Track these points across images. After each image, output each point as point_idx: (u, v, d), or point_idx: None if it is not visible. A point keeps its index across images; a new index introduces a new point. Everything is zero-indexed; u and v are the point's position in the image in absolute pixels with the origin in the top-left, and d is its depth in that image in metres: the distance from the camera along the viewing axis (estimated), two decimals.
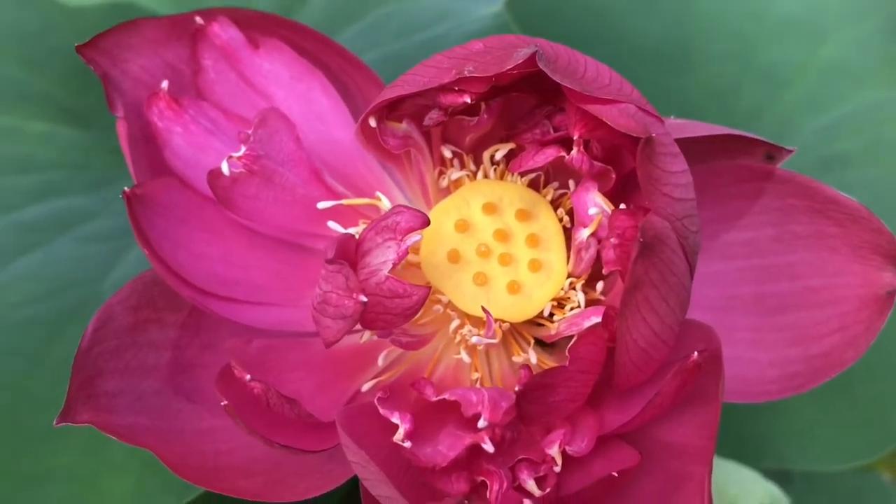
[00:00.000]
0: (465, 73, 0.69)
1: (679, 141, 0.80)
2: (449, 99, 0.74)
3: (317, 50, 0.88)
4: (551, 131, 0.78)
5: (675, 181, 0.70)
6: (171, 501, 0.99)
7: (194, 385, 0.82)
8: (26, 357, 1.11)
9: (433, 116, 0.78)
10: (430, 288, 0.74)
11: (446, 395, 0.72)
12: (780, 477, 1.46)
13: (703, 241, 0.90)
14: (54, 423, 0.76)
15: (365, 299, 0.69)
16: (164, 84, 0.83)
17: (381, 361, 0.83)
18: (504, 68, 0.68)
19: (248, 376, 0.71)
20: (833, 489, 1.49)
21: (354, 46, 1.44)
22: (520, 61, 0.67)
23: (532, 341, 0.82)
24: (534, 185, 0.83)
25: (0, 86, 1.33)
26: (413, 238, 0.72)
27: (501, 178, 0.84)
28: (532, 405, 0.71)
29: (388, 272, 0.72)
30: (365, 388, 0.82)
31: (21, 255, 1.23)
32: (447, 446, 0.71)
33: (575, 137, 0.74)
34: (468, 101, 0.73)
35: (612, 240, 0.73)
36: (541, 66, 0.67)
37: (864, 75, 1.51)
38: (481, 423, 0.70)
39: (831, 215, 0.85)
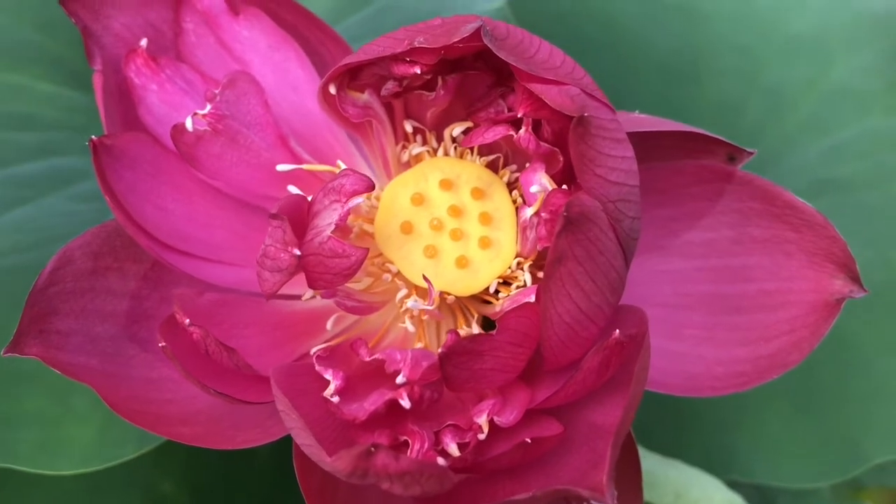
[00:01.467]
0: (416, 43, 0.71)
1: (641, 136, 0.83)
2: (401, 69, 0.76)
3: (296, 21, 0.91)
4: (505, 111, 0.80)
5: (611, 164, 0.72)
6: (131, 450, 1.01)
7: (149, 335, 0.84)
8: (8, 302, 1.11)
9: (389, 87, 0.81)
10: (367, 250, 0.76)
11: (377, 355, 0.74)
12: (763, 494, 1.46)
13: (661, 239, 0.92)
14: (2, 352, 0.78)
15: (298, 252, 0.71)
16: (144, 42, 0.85)
17: (329, 326, 0.85)
18: (451, 41, 0.70)
19: (188, 320, 0.73)
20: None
21: (357, 33, 1.46)
22: (466, 35, 0.70)
23: (476, 316, 0.84)
24: (493, 167, 0.85)
25: (15, 46, 1.36)
26: (356, 200, 0.74)
27: (461, 156, 0.86)
28: (457, 369, 0.73)
29: (331, 233, 0.74)
30: (313, 351, 0.84)
31: (13, 207, 1.25)
32: (370, 402, 0.73)
33: (520, 115, 0.76)
34: (418, 71, 0.76)
35: (543, 215, 0.75)
36: (485, 41, 0.69)
37: (868, 100, 1.52)
38: (399, 379, 0.72)
39: (789, 220, 0.87)
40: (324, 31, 0.92)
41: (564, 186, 0.78)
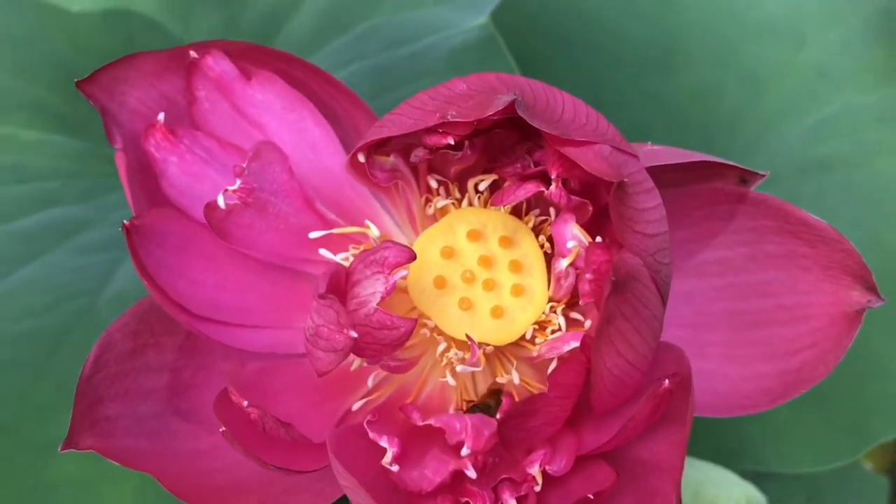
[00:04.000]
0: (449, 117, 0.72)
1: (654, 167, 0.84)
2: (434, 140, 0.78)
3: (306, 78, 0.91)
4: (531, 166, 0.81)
5: (647, 218, 0.74)
6: None
7: (191, 405, 0.86)
8: (28, 369, 1.15)
9: (419, 154, 0.82)
10: (416, 320, 0.77)
11: (431, 422, 0.76)
12: (761, 472, 1.49)
13: (678, 261, 0.93)
14: (59, 449, 0.79)
15: (355, 335, 0.73)
16: (161, 116, 0.85)
17: (370, 383, 0.86)
18: (485, 114, 0.71)
19: (246, 402, 0.74)
20: (815, 479, 1.51)
21: (342, 57, 1.46)
22: (500, 108, 0.71)
23: (515, 363, 0.86)
24: (516, 213, 0.86)
25: None
26: (400, 273, 0.75)
27: (485, 205, 0.87)
28: (513, 431, 0.75)
29: (377, 304, 0.75)
30: (355, 407, 0.86)
31: (21, 265, 1.25)
32: (432, 471, 0.75)
33: (553, 176, 0.77)
34: (451, 142, 0.77)
35: (587, 275, 0.77)
36: (520, 112, 0.71)
37: (844, 79, 1.53)
38: (464, 452, 0.74)
39: (802, 236, 0.88)
40: (334, 86, 0.92)
41: (598, 238, 0.79)
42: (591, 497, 0.73)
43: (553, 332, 0.84)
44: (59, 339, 1.18)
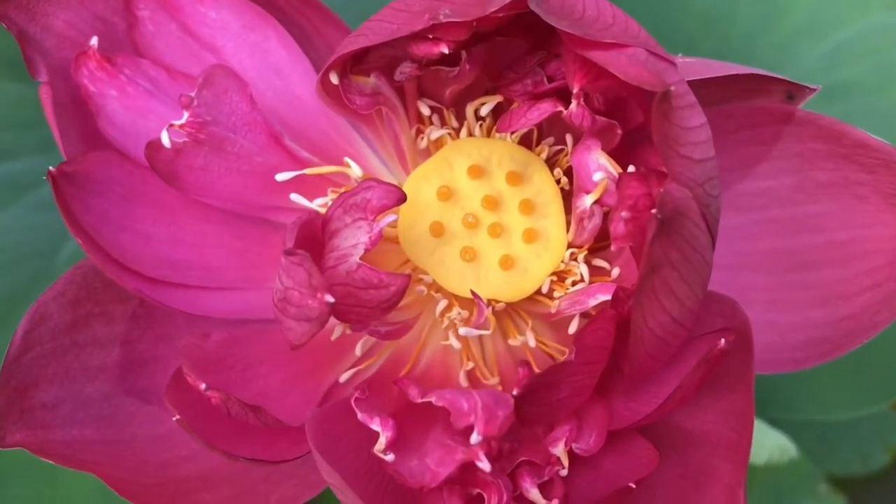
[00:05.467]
0: (441, 17, 0.59)
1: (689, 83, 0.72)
2: (423, 49, 0.65)
3: None
4: (545, 81, 0.71)
5: (694, 138, 0.61)
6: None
7: (148, 383, 0.75)
8: None
9: (405, 70, 0.69)
10: (409, 277, 0.66)
11: (433, 399, 0.64)
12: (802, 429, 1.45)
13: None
14: None
15: (332, 300, 0.60)
16: (94, 41, 0.74)
17: (358, 351, 0.76)
18: (487, 11, 0.59)
19: (204, 385, 0.62)
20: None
21: None
22: (506, 1, 0.57)
23: (530, 322, 0.75)
24: (525, 142, 0.76)
25: None
26: (388, 219, 0.63)
27: (488, 134, 0.76)
28: (533, 407, 0.63)
29: (360, 258, 0.62)
30: (342, 378, 0.76)
31: None
32: (436, 461, 0.63)
33: (575, 90, 0.64)
34: (445, 51, 0.63)
35: (622, 213, 0.63)
36: (531, 6, 0.57)
37: None
38: (475, 439, 0.61)
39: (859, 160, 0.79)
40: (305, 2, 0.79)
41: (631, 168, 0.66)
42: (633, 486, 0.61)
43: (574, 283, 0.74)
44: (11, 307, 1.10)
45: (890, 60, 1.41)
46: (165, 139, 0.70)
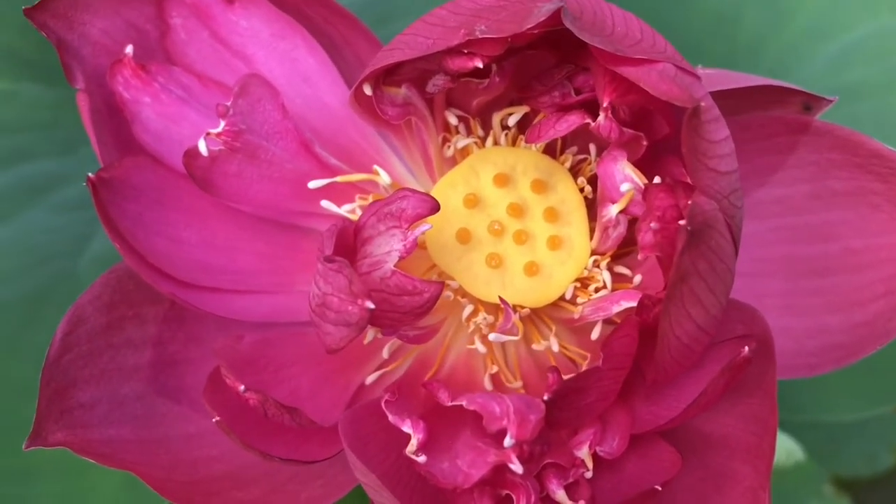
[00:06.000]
0: (477, 33, 0.60)
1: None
2: (458, 63, 0.66)
3: (296, 1, 0.80)
4: (573, 94, 0.72)
5: (720, 152, 0.62)
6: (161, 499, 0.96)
7: (179, 383, 0.77)
8: (4, 341, 1.09)
9: (438, 83, 0.71)
10: (443, 284, 0.67)
11: (463, 402, 0.65)
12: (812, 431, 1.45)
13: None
14: (24, 446, 0.68)
15: (372, 306, 0.61)
16: (129, 49, 0.76)
17: (385, 353, 0.77)
18: (523, 27, 0.60)
19: (243, 387, 0.64)
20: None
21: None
22: (542, 19, 0.58)
23: (553, 328, 0.77)
24: (549, 151, 0.77)
25: None
26: (422, 228, 0.64)
27: (513, 143, 0.78)
28: (562, 411, 0.64)
29: (395, 265, 0.64)
30: (369, 380, 0.77)
31: None
32: (468, 462, 0.64)
33: (604, 104, 0.65)
34: (480, 65, 0.65)
35: (651, 224, 0.65)
36: (566, 24, 0.58)
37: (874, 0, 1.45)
38: (508, 442, 0.62)
39: (874, 170, 0.80)
40: (330, 9, 0.82)
41: (657, 179, 0.67)
42: (659, 488, 0.62)
43: (597, 290, 0.75)
44: (36, 307, 1.12)
45: (894, 62, 1.41)
46: (203, 147, 0.72)
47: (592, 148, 0.76)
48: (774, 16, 1.46)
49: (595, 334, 0.74)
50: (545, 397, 0.63)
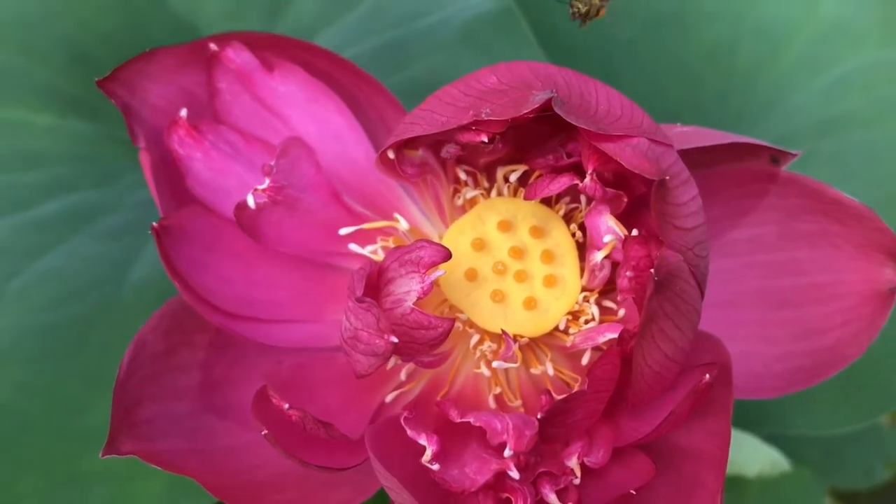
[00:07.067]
0: (483, 115, 0.71)
1: (682, 150, 0.83)
2: (467, 137, 0.76)
3: (327, 67, 0.90)
4: (564, 157, 0.80)
5: (685, 211, 0.73)
6: (200, 501, 1.02)
7: (225, 402, 0.85)
8: (55, 362, 1.13)
9: (450, 150, 0.81)
10: (454, 320, 0.76)
11: (471, 420, 0.76)
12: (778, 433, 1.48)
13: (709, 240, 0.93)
14: (101, 454, 0.79)
15: (395, 340, 0.72)
16: (183, 112, 0.84)
17: (402, 375, 0.86)
18: (521, 112, 0.70)
19: (287, 405, 0.74)
20: (832, 436, 1.51)
21: (352, 34, 1.42)
22: (536, 105, 0.69)
23: (549, 354, 0.86)
24: (546, 201, 0.85)
25: (4, 77, 1.32)
26: (437, 273, 0.75)
27: (514, 194, 0.86)
28: (553, 427, 0.75)
29: (413, 304, 0.75)
30: (388, 399, 0.86)
31: (40, 255, 1.23)
32: (474, 470, 0.75)
33: (589, 171, 0.76)
34: (485, 140, 0.76)
35: (627, 273, 0.76)
36: (557, 110, 0.69)
37: (862, 34, 1.51)
38: (507, 453, 0.74)
39: (835, 215, 0.87)
40: (357, 74, 0.91)
41: (635, 231, 0.78)
42: (634, 493, 0.73)
43: (587, 321, 0.83)
44: (84, 330, 1.16)
45: (881, 95, 1.47)
46: (251, 201, 0.81)
47: (583, 199, 0.85)
48: (768, 49, 1.51)
49: (585, 360, 0.83)
50: (538, 416, 0.74)
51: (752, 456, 1.42)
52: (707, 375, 0.73)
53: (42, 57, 1.37)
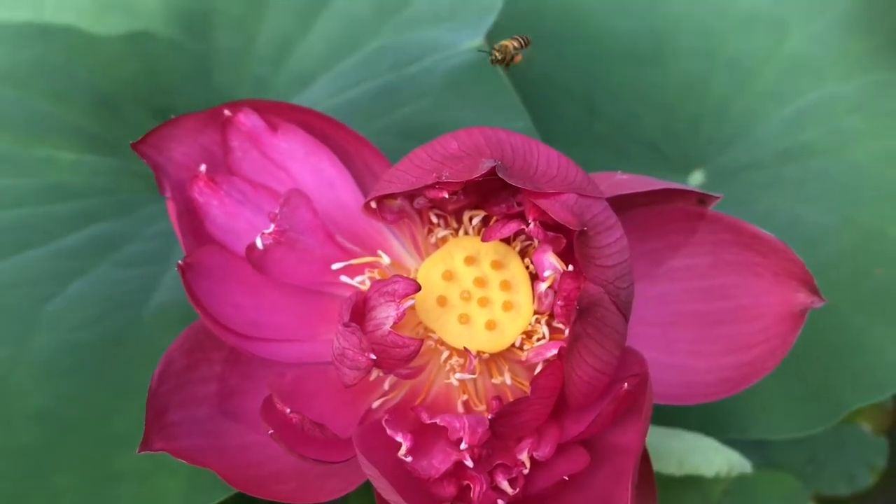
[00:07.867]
0: (444, 177, 0.87)
1: (624, 195, 0.99)
2: (432, 194, 0.92)
3: (322, 126, 1.05)
4: (515, 206, 0.92)
5: (607, 252, 0.88)
6: (218, 496, 1.13)
7: (236, 408, 1.00)
8: (89, 375, 1.25)
9: (420, 202, 0.97)
10: (423, 340, 0.92)
11: (437, 420, 0.92)
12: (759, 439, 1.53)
13: (650, 268, 1.06)
14: (137, 450, 0.94)
15: (374, 357, 0.88)
16: (203, 167, 0.97)
17: (386, 386, 1.01)
18: (472, 177, 0.86)
19: (289, 409, 0.89)
20: (815, 441, 1.58)
21: (350, 77, 1.55)
22: (484, 171, 0.85)
23: (507, 366, 0.97)
24: (505, 239, 0.97)
25: (32, 119, 1.43)
26: (408, 303, 0.90)
27: (478, 234, 0.98)
28: (503, 427, 0.91)
29: (390, 327, 0.91)
30: (374, 405, 1.01)
31: (72, 280, 1.34)
32: (439, 461, 0.91)
33: (530, 220, 0.92)
34: (447, 195, 0.91)
35: (559, 302, 0.92)
36: (500, 175, 0.85)
37: (822, 69, 1.61)
38: (462, 446, 0.90)
39: (755, 248, 0.98)
40: (346, 131, 1.05)
41: (570, 267, 0.94)
42: (567, 478, 0.89)
43: (538, 339, 0.95)
44: (112, 347, 1.26)
45: (839, 127, 1.56)
46: (259, 243, 0.93)
47: (535, 239, 1.00)
48: (739, 80, 1.61)
49: (537, 371, 0.92)
50: (489, 416, 0.91)
51: (709, 457, 1.48)
52: (626, 384, 0.89)
53: (66, 100, 1.49)
